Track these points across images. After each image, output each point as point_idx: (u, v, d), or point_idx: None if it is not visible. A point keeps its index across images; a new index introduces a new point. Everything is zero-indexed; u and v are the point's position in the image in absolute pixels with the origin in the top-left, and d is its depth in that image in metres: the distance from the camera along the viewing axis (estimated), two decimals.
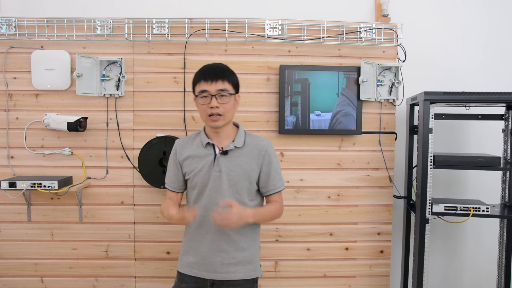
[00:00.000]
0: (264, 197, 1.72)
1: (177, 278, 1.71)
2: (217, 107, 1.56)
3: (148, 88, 2.24)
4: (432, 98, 2.03)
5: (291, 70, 2.20)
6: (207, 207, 1.61)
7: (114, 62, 2.21)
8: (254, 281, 1.69)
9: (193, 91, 1.63)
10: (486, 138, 2.50)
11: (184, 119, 2.24)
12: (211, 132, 1.66)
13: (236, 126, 1.71)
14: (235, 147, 1.63)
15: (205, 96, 1.57)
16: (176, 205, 1.68)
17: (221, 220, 1.47)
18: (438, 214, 2.11)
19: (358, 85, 2.21)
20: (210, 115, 1.57)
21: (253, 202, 1.67)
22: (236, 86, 1.63)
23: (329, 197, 2.31)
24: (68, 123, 2.11)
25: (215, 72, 1.58)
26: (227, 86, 1.58)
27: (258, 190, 1.70)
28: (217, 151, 1.63)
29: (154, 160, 2.18)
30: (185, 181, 1.72)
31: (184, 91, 2.23)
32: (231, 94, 1.59)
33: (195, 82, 1.62)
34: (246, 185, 1.63)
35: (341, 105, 2.22)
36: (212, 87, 1.56)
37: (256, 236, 1.71)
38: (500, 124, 2.34)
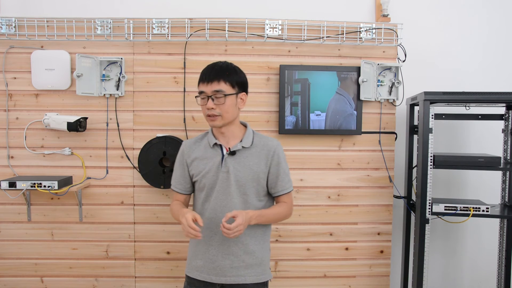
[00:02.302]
0: (274, 198, 1.70)
1: (186, 282, 1.70)
2: (212, 108, 1.55)
3: (148, 88, 2.24)
4: (432, 98, 2.03)
5: (291, 70, 2.20)
6: (215, 209, 1.58)
7: (114, 62, 2.21)
8: (264, 284, 1.65)
9: None
10: (486, 138, 2.50)
11: (184, 119, 2.24)
12: (218, 133, 1.64)
13: (244, 125, 1.69)
14: (243, 147, 1.61)
15: (203, 98, 1.58)
16: (186, 208, 1.64)
17: (230, 234, 1.42)
18: (438, 214, 2.11)
19: (358, 85, 2.21)
20: (208, 115, 1.57)
21: (261, 203, 1.64)
22: (238, 85, 1.59)
23: (329, 197, 2.31)
24: (68, 123, 2.11)
25: (211, 73, 1.56)
26: (223, 86, 1.55)
27: (267, 191, 1.67)
28: (224, 151, 1.61)
29: (154, 160, 2.18)
30: (193, 183, 1.70)
31: (184, 91, 2.23)
32: (226, 94, 1.56)
33: (198, 82, 1.61)
34: (254, 185, 1.61)
35: (337, 102, 2.22)
36: (208, 88, 1.55)
37: (266, 238, 1.68)
38: (500, 124, 2.34)
